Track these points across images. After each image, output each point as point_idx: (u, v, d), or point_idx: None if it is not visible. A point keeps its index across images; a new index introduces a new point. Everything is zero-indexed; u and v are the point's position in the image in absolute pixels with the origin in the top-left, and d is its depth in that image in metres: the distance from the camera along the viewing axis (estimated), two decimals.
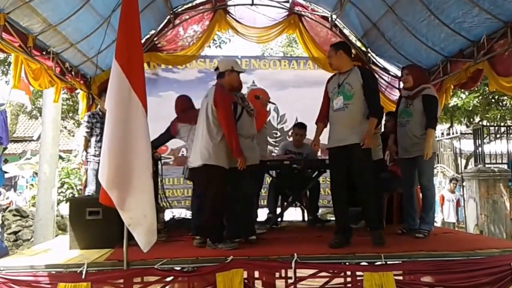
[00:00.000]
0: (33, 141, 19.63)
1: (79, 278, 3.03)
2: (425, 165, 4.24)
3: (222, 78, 3.88)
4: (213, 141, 3.70)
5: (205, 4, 6.62)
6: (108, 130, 2.84)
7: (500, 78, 4.38)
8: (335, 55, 3.93)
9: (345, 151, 3.79)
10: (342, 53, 3.91)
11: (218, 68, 3.91)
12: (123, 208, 2.82)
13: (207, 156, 3.70)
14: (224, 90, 3.79)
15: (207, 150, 3.70)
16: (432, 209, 4.37)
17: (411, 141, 4.25)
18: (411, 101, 4.31)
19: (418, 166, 4.28)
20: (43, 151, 7.81)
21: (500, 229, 8.48)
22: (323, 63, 6.68)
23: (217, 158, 3.69)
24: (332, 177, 4.08)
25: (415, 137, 4.23)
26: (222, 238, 3.70)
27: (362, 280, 3.16)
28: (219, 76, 3.90)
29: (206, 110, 3.77)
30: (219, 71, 3.89)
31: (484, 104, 10.93)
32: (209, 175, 3.73)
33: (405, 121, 4.33)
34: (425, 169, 4.28)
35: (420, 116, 4.22)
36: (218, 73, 3.91)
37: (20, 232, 9.20)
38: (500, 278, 3.26)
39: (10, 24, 4.04)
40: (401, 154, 4.40)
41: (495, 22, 4.31)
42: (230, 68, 3.87)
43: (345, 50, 3.96)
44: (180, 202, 6.90)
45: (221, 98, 3.70)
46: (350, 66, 3.91)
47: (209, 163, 3.69)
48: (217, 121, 3.70)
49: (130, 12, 2.97)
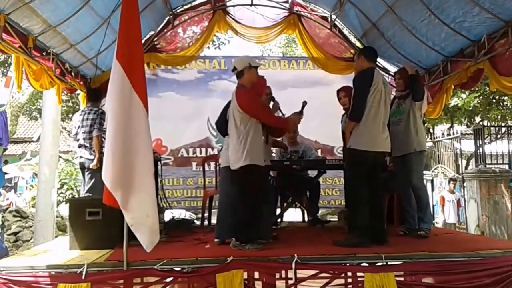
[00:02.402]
0: (33, 142, 19.63)
1: (79, 278, 3.03)
2: (414, 164, 4.32)
3: (242, 76, 3.88)
4: (242, 142, 3.73)
5: (205, 5, 6.62)
6: (110, 130, 2.84)
7: (501, 78, 4.38)
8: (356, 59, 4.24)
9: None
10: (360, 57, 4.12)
11: (236, 68, 3.89)
12: (126, 208, 2.82)
13: (240, 158, 3.73)
14: (244, 90, 3.81)
15: (239, 152, 3.74)
16: (428, 208, 4.41)
17: (403, 140, 4.34)
18: (403, 101, 4.46)
19: (407, 165, 4.35)
20: (43, 152, 7.82)
21: (502, 230, 8.46)
22: (322, 63, 6.70)
23: (250, 159, 3.71)
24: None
25: (406, 135, 4.33)
26: (250, 238, 3.69)
27: (363, 281, 3.15)
28: (238, 76, 3.90)
29: (233, 114, 3.82)
30: (237, 70, 3.88)
31: (485, 104, 10.91)
32: (246, 176, 3.76)
33: (398, 120, 4.45)
34: (414, 168, 4.33)
35: (411, 114, 4.37)
36: (236, 73, 3.90)
37: (20, 233, 9.19)
38: (502, 279, 3.23)
39: (10, 25, 4.04)
40: (394, 153, 4.42)
41: (496, 22, 4.30)
42: (248, 65, 3.87)
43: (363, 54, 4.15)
44: (180, 203, 6.89)
45: (245, 100, 3.74)
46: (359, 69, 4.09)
47: (243, 164, 3.72)
48: (243, 124, 3.73)
49: (131, 11, 2.96)
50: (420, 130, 4.43)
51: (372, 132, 3.85)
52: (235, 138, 3.79)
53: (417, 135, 4.36)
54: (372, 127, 3.85)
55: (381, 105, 3.87)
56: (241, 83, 3.88)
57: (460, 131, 11.06)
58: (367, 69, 3.95)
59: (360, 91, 3.87)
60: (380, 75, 4.02)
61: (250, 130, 3.72)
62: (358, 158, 3.89)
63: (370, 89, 3.82)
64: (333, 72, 6.58)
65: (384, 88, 3.91)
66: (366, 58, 4.05)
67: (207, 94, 7.03)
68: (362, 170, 3.87)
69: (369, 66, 4.00)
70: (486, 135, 9.69)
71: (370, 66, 4.01)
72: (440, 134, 11.76)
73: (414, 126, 4.36)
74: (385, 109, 3.92)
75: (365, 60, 4.04)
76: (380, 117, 3.86)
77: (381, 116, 3.87)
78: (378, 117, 3.86)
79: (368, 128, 3.85)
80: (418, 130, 4.38)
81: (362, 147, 3.85)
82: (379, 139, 3.88)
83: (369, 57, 4.08)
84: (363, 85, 3.86)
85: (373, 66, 4.06)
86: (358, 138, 3.87)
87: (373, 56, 4.15)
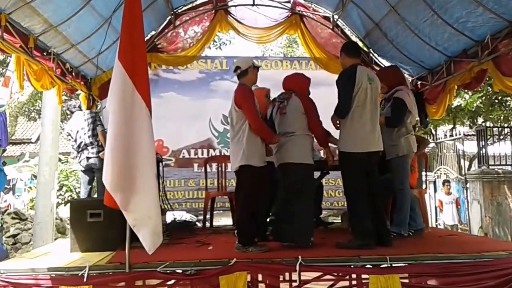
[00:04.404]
0: (32, 143, 19.59)
1: (80, 281, 3.00)
2: (395, 167, 4.27)
3: (245, 76, 3.88)
4: (239, 142, 3.73)
5: (206, 5, 6.61)
6: (111, 131, 2.81)
7: (505, 78, 4.36)
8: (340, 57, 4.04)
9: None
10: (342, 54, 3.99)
11: (239, 67, 3.89)
12: (127, 210, 2.80)
13: (236, 159, 3.75)
14: (244, 88, 3.81)
15: (235, 153, 3.76)
16: (402, 212, 4.30)
17: (387, 143, 4.18)
18: (388, 103, 4.40)
19: (391, 168, 4.30)
20: (42, 153, 7.75)
21: (505, 232, 8.40)
22: (324, 64, 6.69)
23: (246, 159, 3.70)
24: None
25: (389, 138, 4.23)
26: (253, 241, 3.67)
27: (367, 283, 3.12)
28: (241, 75, 3.90)
29: (231, 113, 3.83)
30: (241, 70, 3.88)
31: (488, 104, 10.88)
32: (242, 176, 3.80)
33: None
34: (395, 171, 4.28)
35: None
36: (239, 73, 3.90)
37: (19, 235, 9.10)
38: (507, 281, 3.20)
39: (11, 25, 4.03)
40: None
41: (500, 22, 4.28)
42: (252, 65, 3.91)
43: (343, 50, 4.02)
44: (181, 205, 6.85)
45: (243, 96, 3.73)
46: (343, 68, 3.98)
47: (239, 165, 3.73)
48: (239, 123, 3.73)
49: (134, 11, 2.93)
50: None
51: (359, 133, 3.75)
52: (232, 138, 3.83)
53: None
54: (358, 127, 3.75)
55: (367, 104, 3.74)
56: (242, 82, 3.88)
57: (462, 132, 11.01)
58: (349, 67, 3.82)
59: (342, 90, 3.79)
60: (365, 71, 3.85)
61: (246, 129, 3.71)
62: (347, 160, 3.81)
63: (354, 89, 3.71)
64: (335, 72, 6.45)
65: (369, 84, 3.76)
66: (347, 55, 3.94)
67: (209, 94, 7.00)
68: (354, 172, 3.78)
69: (352, 63, 3.85)
70: (489, 136, 9.64)
71: (353, 62, 3.86)
72: (442, 135, 11.73)
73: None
74: (371, 106, 3.78)
75: (346, 57, 3.93)
76: (366, 116, 3.75)
77: (368, 115, 3.75)
78: (364, 116, 3.74)
79: (354, 129, 3.76)
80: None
81: (350, 149, 3.77)
82: (368, 139, 3.76)
83: (349, 53, 3.95)
84: (345, 84, 3.76)
85: (356, 62, 3.87)
86: (345, 140, 3.82)
87: (353, 51, 3.99)
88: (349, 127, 3.78)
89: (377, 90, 3.91)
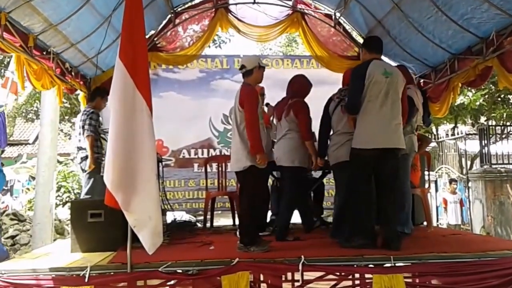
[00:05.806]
0: (29, 144, 19.52)
1: (82, 281, 2.97)
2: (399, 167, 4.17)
3: (251, 75, 3.85)
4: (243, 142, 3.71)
5: (206, 3, 6.56)
6: (112, 130, 2.79)
7: (510, 75, 4.31)
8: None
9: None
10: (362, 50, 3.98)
11: (245, 66, 3.86)
12: (128, 210, 2.78)
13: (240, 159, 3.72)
14: (250, 88, 3.80)
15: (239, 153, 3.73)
16: (404, 210, 4.27)
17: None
18: None
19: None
20: (41, 153, 7.70)
21: (507, 231, 8.36)
22: (326, 62, 6.65)
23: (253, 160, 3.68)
24: None
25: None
26: (255, 240, 3.64)
27: (371, 282, 3.08)
28: (246, 74, 3.87)
29: (234, 113, 3.80)
30: (247, 69, 3.85)
31: (490, 103, 10.83)
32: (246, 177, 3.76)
33: None
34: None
35: None
36: (245, 71, 3.86)
37: (18, 237, 9.05)
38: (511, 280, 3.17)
39: (11, 24, 4.00)
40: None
41: (505, 18, 4.22)
42: (258, 64, 3.87)
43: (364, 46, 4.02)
44: (181, 205, 6.82)
45: (248, 95, 3.72)
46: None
47: (247, 165, 3.70)
48: (243, 123, 3.70)
49: (135, 10, 2.91)
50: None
51: (370, 129, 3.59)
52: (235, 138, 3.78)
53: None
54: (370, 123, 3.60)
55: (380, 98, 3.56)
56: (247, 82, 3.86)
57: (464, 131, 10.97)
58: (362, 63, 3.77)
59: (351, 85, 3.76)
60: (380, 65, 3.68)
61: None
62: (353, 156, 3.73)
63: (365, 84, 3.58)
64: (337, 70, 6.47)
65: (386, 78, 3.58)
66: (367, 49, 3.88)
67: (209, 94, 6.96)
68: (361, 170, 3.68)
69: (370, 58, 3.74)
70: (491, 134, 9.59)
71: (371, 57, 3.75)
72: (444, 134, 11.68)
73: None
74: (387, 101, 3.58)
75: (366, 52, 3.87)
76: (379, 111, 3.57)
77: (381, 110, 3.57)
78: (375, 111, 3.58)
79: (366, 125, 3.62)
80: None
81: (359, 145, 3.65)
82: (380, 135, 3.57)
83: (369, 47, 3.88)
84: (354, 79, 3.71)
85: (374, 57, 3.74)
86: (356, 137, 3.71)
87: (373, 45, 3.88)
88: (360, 122, 3.68)
89: (397, 84, 3.65)
